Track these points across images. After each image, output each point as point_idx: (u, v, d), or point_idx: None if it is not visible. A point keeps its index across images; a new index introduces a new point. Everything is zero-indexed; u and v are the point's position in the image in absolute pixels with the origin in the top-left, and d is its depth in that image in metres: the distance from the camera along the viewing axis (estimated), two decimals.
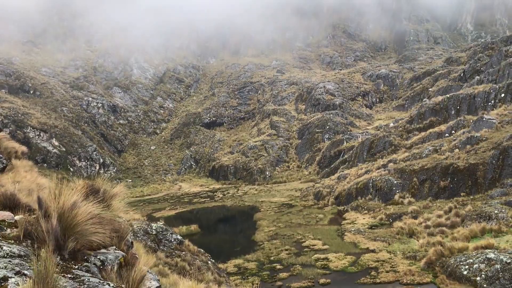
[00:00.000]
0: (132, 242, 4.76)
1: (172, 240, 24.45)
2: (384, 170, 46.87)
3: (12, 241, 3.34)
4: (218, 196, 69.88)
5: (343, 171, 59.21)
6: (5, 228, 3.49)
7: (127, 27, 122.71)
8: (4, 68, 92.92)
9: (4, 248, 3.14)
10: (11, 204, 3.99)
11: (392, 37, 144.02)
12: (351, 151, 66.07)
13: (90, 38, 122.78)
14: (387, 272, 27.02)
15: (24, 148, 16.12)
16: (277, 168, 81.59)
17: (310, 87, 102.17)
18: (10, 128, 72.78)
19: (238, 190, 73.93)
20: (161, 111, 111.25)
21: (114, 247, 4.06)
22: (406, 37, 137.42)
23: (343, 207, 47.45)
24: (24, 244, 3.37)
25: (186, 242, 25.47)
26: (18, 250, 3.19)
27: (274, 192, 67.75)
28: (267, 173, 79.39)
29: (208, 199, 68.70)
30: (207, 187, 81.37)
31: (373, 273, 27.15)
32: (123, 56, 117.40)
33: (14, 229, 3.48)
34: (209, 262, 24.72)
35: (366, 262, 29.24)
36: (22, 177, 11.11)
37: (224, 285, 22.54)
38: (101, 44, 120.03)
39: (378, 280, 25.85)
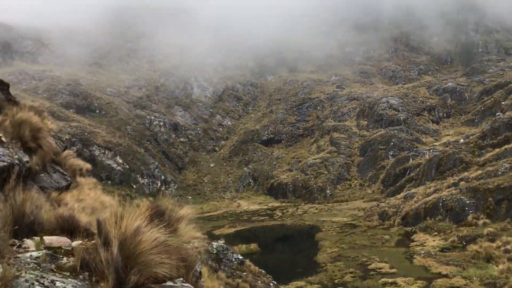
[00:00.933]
0: (200, 272, 4.07)
1: (233, 259, 23.87)
2: (455, 189, 44.08)
3: (68, 273, 2.76)
4: (277, 215, 68.92)
5: (409, 190, 56.51)
6: (61, 256, 2.93)
7: (187, 47, 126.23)
8: (72, 89, 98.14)
9: (58, 284, 2.54)
10: (70, 227, 3.47)
11: (458, 50, 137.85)
12: (417, 169, 63.09)
13: (152, 58, 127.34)
14: None
15: (88, 166, 16.22)
16: (338, 186, 79.53)
17: (372, 102, 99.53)
18: (77, 146, 76.17)
19: (297, 208, 72.61)
20: (220, 129, 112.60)
21: (182, 279, 3.39)
22: (474, 49, 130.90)
23: (410, 228, 44.96)
24: (81, 277, 2.78)
25: (247, 262, 24.78)
26: (73, 286, 2.58)
27: (335, 211, 65.81)
28: (328, 191, 77.54)
29: (267, 217, 67.92)
30: (266, 205, 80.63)
31: None
32: (183, 75, 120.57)
33: (71, 258, 2.92)
34: (271, 284, 23.84)
35: None
36: (85, 195, 10.95)
37: None
38: (163, 64, 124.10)
39: None
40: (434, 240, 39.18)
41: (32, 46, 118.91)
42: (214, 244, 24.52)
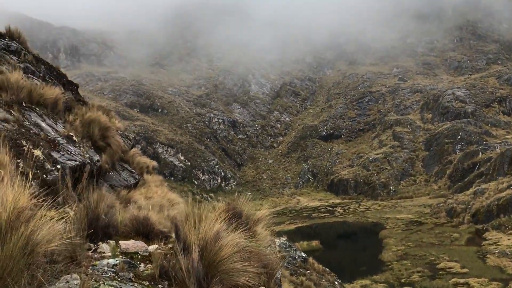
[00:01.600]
0: (280, 279, 3.77)
1: (296, 257, 23.53)
2: None
3: (147, 283, 2.55)
4: (339, 211, 67.78)
5: (479, 186, 53.48)
6: (138, 263, 2.73)
7: (245, 44, 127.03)
8: (136, 89, 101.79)
9: None
10: (145, 230, 3.29)
11: None
12: (488, 163, 59.57)
13: (211, 57, 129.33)
14: None
15: (154, 163, 16.46)
16: (401, 182, 76.89)
17: (437, 94, 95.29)
18: (142, 144, 78.83)
19: (359, 205, 71.02)
20: (278, 125, 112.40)
21: (263, 287, 3.11)
22: None
23: (481, 226, 42.54)
24: (160, 286, 2.56)
25: (311, 260, 24.36)
26: None
27: (399, 208, 63.67)
28: (391, 187, 75.19)
29: (328, 214, 66.98)
30: (326, 202, 79.55)
31: None
32: (241, 73, 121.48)
33: (149, 265, 2.71)
34: (336, 282, 23.27)
35: None
36: (153, 193, 11.02)
37: None
38: (221, 63, 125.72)
39: None
40: (509, 239, 36.81)
41: (98, 49, 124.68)
42: (277, 241, 24.25)
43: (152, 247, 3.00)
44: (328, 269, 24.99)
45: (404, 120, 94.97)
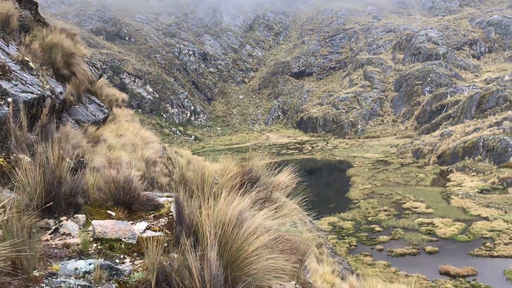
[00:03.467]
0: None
1: None
2: (498, 129, 41.88)
3: None
4: (307, 149, 68.20)
5: (446, 128, 54.36)
6: (121, 257, 1.84)
7: None
8: (102, 14, 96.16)
9: None
10: (127, 198, 2.37)
11: None
12: (456, 106, 60.33)
13: None
14: (505, 244, 23.93)
15: (124, 96, 15.14)
16: (370, 122, 77.55)
17: (410, 34, 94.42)
18: (108, 74, 75.59)
19: (327, 143, 71.62)
20: (250, 59, 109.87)
21: (294, 282, 2.30)
22: None
23: (446, 167, 43.54)
24: None
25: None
26: None
27: (366, 147, 64.55)
28: (359, 126, 75.82)
29: (297, 151, 67.33)
30: (295, 139, 79.91)
31: (488, 244, 24.20)
32: (213, 2, 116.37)
33: (138, 262, 1.83)
34: (307, 221, 23.26)
35: (478, 231, 26.22)
36: (124, 129, 9.94)
37: (324, 247, 21.08)
38: None
39: (495, 253, 22.93)
40: (472, 181, 37.80)
41: None
42: None
43: (139, 227, 2.10)
44: (298, 207, 24.93)
45: (375, 60, 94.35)
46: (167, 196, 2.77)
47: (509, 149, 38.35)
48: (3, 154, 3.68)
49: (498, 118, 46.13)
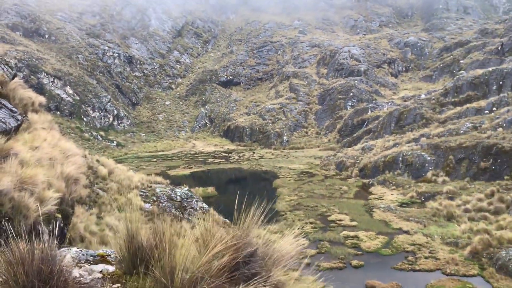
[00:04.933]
0: None
1: (197, 208, 22.35)
2: (416, 145, 44.19)
3: None
4: (234, 158, 67.85)
5: (367, 142, 56.54)
6: None
7: None
8: (20, 9, 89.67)
9: None
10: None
11: (420, 4, 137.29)
12: (376, 121, 63.11)
13: None
14: (426, 258, 24.84)
15: (42, 99, 13.46)
16: (294, 133, 79.05)
17: (334, 50, 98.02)
18: (24, 73, 70.36)
19: (254, 153, 71.80)
20: (178, 65, 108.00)
21: None
22: (435, 5, 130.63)
23: (368, 180, 45.11)
24: None
25: (211, 211, 23.37)
26: None
27: (292, 158, 65.49)
28: (285, 137, 76.96)
29: (224, 160, 66.73)
30: (221, 147, 79.35)
31: (410, 258, 24.99)
32: (141, 5, 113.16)
33: None
34: None
35: (400, 245, 27.06)
36: (41, 140, 8.67)
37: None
38: None
39: (417, 267, 23.68)
40: (392, 194, 39.35)
41: None
42: (178, 190, 22.71)
43: None
44: (228, 221, 24.27)
45: (301, 73, 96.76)
46: (106, 261, 1.95)
47: (426, 165, 40.52)
48: None
49: (416, 134, 48.77)
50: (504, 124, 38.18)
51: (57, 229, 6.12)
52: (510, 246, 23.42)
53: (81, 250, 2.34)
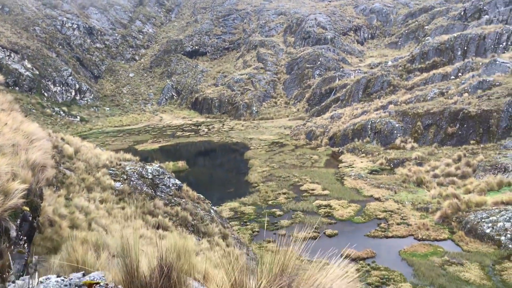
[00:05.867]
0: None
1: (170, 185, 21.82)
2: (384, 112, 44.65)
3: None
4: (203, 131, 67.09)
5: (335, 110, 56.80)
6: None
7: None
8: None
9: None
10: None
11: None
12: (344, 90, 63.30)
13: None
14: (398, 224, 25.35)
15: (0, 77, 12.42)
16: (264, 103, 78.62)
17: (300, 18, 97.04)
18: None
19: (223, 125, 71.15)
20: (140, 36, 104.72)
21: None
22: None
23: (338, 149, 45.50)
24: None
25: (185, 187, 22.89)
26: None
27: (262, 128, 65.28)
28: (254, 108, 76.46)
29: (193, 133, 65.89)
30: (190, 120, 78.26)
31: (383, 225, 25.44)
32: None
33: None
34: (211, 210, 22.36)
35: (373, 212, 27.49)
36: (1, 124, 7.90)
37: (230, 238, 20.37)
38: None
39: (390, 234, 24.15)
40: (362, 162, 39.83)
41: None
42: (149, 168, 21.99)
43: None
44: (202, 196, 23.93)
45: (268, 42, 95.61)
46: None
47: (395, 132, 41.06)
48: None
49: (384, 101, 49.22)
50: (470, 89, 38.90)
51: (25, 224, 5.59)
52: (478, 209, 24.11)
53: (62, 280, 1.92)
